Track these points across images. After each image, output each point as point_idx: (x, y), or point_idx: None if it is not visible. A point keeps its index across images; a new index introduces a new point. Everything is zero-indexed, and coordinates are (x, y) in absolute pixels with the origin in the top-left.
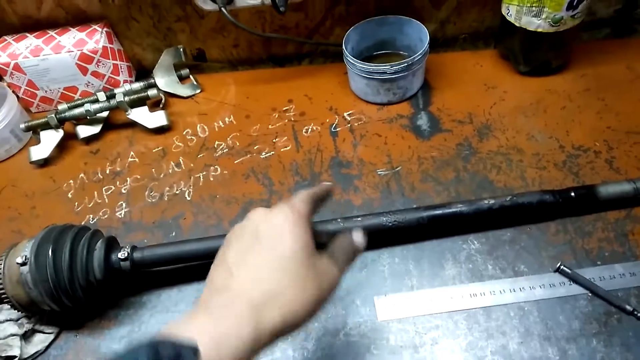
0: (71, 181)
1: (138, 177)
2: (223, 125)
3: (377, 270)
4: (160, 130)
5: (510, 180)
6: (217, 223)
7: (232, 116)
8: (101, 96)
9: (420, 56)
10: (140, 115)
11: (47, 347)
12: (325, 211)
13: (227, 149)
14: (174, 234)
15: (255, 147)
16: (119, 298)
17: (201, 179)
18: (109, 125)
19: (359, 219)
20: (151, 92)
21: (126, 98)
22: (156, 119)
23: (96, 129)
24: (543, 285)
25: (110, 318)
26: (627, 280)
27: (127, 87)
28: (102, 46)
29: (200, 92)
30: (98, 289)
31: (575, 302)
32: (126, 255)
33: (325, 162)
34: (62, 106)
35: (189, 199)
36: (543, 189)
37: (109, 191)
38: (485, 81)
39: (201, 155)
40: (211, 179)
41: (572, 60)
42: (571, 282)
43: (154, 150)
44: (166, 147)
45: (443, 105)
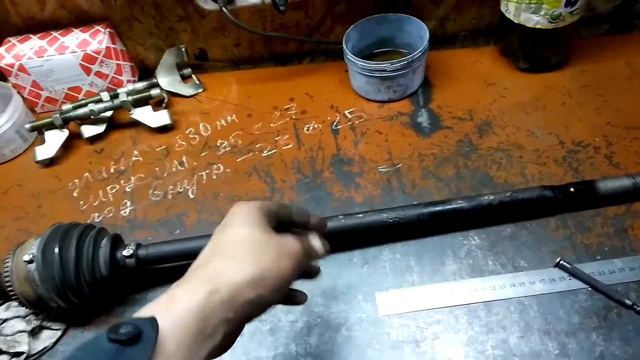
0: (76, 180)
1: (142, 176)
2: (225, 124)
3: (379, 266)
4: (163, 129)
5: (510, 176)
6: (220, 220)
7: (234, 115)
8: (105, 96)
9: (420, 54)
10: (143, 114)
11: (55, 343)
12: (327, 208)
13: (230, 148)
14: (178, 232)
15: (257, 146)
16: (125, 295)
17: (204, 177)
18: (113, 124)
19: (360, 216)
20: (154, 92)
21: (129, 98)
22: (159, 118)
23: (100, 129)
24: (543, 280)
25: (116, 314)
26: (627, 274)
27: (130, 87)
28: (105, 46)
29: (202, 92)
30: (104, 286)
31: (575, 297)
32: (131, 252)
33: (326, 160)
34: (67, 106)
35: (192, 197)
36: (543, 185)
37: (114, 190)
38: (485, 78)
39: (204, 153)
40: (214, 177)
41: (572, 56)
42: (571, 277)
43: (158, 149)
44: (169, 146)
45: (443, 102)
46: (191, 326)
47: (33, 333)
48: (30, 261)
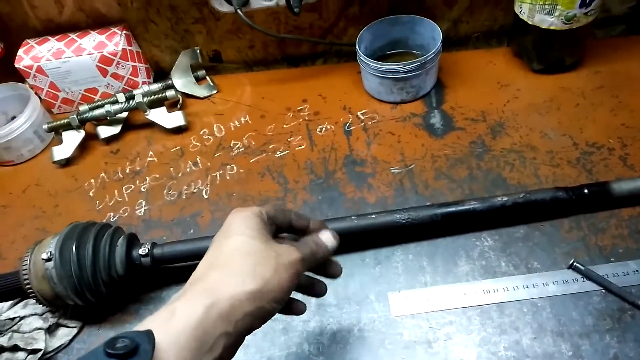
0: (92, 180)
1: (157, 176)
2: (239, 125)
3: (391, 266)
4: (178, 130)
5: (523, 177)
6: None
7: (248, 116)
8: (121, 97)
9: (433, 55)
10: (158, 115)
11: (71, 341)
12: (339, 209)
13: (243, 148)
14: (192, 231)
15: (270, 146)
16: (140, 293)
17: (218, 178)
18: (128, 125)
19: (373, 216)
20: (169, 93)
21: (145, 99)
22: (174, 119)
23: (116, 130)
24: (556, 281)
25: (131, 312)
26: None
27: (146, 89)
28: (122, 48)
29: (216, 93)
30: (120, 284)
31: (588, 299)
32: (147, 251)
33: (339, 161)
34: (83, 107)
35: (207, 197)
36: (556, 186)
37: (129, 190)
38: (498, 79)
39: (218, 154)
40: (228, 178)
41: (586, 57)
42: (584, 279)
43: (172, 149)
44: (184, 147)
45: (456, 103)
46: (190, 341)
47: (50, 330)
48: (48, 259)
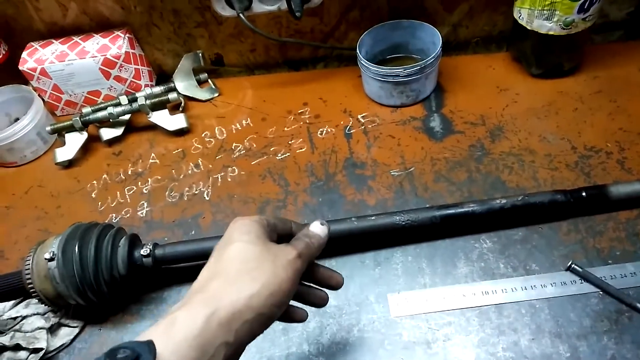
0: (95, 182)
1: (159, 178)
2: (240, 127)
3: (391, 268)
4: (180, 132)
5: (522, 180)
6: None
7: (249, 119)
8: (123, 100)
9: (432, 59)
10: (160, 118)
11: (72, 340)
12: (340, 211)
13: (245, 151)
14: (193, 233)
15: (271, 149)
16: (141, 294)
17: (219, 180)
18: (131, 127)
19: (373, 218)
20: (171, 96)
21: (147, 101)
22: (176, 122)
23: (118, 132)
24: (554, 283)
25: (132, 313)
26: (638, 279)
27: (148, 91)
28: (125, 51)
29: (218, 96)
30: (121, 284)
31: (586, 300)
32: (148, 251)
33: (339, 163)
34: (87, 109)
35: (208, 199)
36: (555, 189)
37: (131, 191)
38: (497, 84)
39: (219, 156)
40: (229, 180)
41: (585, 62)
42: (582, 281)
43: (174, 151)
44: (186, 149)
45: (455, 107)
46: (190, 352)
47: (51, 330)
48: (50, 259)
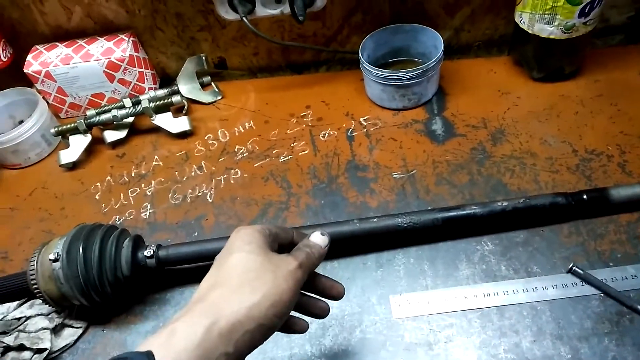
0: (98, 183)
1: (162, 180)
2: (243, 130)
3: (393, 269)
4: (183, 135)
5: (523, 183)
6: (238, 224)
7: (252, 121)
8: (127, 102)
9: (434, 63)
10: (164, 120)
11: (76, 341)
12: (342, 213)
13: (247, 153)
14: (196, 234)
15: (274, 151)
16: (144, 295)
17: (222, 182)
18: (134, 130)
19: (375, 220)
20: (175, 99)
21: (151, 104)
22: (179, 124)
23: (122, 134)
24: (555, 285)
25: (135, 314)
26: (639, 281)
27: (152, 94)
28: (129, 55)
29: (221, 99)
30: (125, 285)
31: (587, 303)
32: (152, 253)
33: (342, 166)
34: (91, 112)
35: (211, 201)
36: (556, 192)
37: (134, 193)
38: (499, 87)
39: (222, 159)
40: (232, 182)
41: (585, 66)
42: (583, 283)
43: (177, 154)
44: (189, 151)
45: (457, 110)
46: None
47: (55, 330)
48: (55, 260)
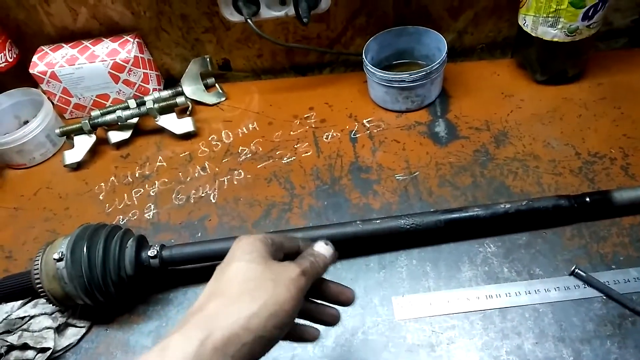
0: (102, 184)
1: (166, 181)
2: (247, 131)
3: (395, 271)
4: (187, 136)
5: (526, 185)
6: (241, 224)
7: (256, 123)
8: (132, 103)
9: (438, 65)
10: (168, 121)
11: (79, 340)
12: (345, 214)
13: (251, 154)
14: (200, 235)
15: (277, 153)
16: (148, 295)
17: (226, 183)
18: (139, 131)
19: (378, 222)
20: (179, 100)
21: (155, 105)
22: (183, 125)
23: (126, 135)
24: (558, 287)
25: (139, 313)
26: None
27: (156, 95)
28: (134, 56)
29: (225, 100)
30: (129, 285)
31: (589, 305)
32: (156, 253)
33: (345, 167)
34: (95, 112)
35: (214, 202)
36: (559, 194)
37: (138, 193)
38: (502, 90)
39: (226, 160)
40: (235, 183)
41: (589, 69)
42: (586, 285)
43: (181, 155)
44: (192, 152)
45: (460, 112)
46: None
47: (59, 330)
48: (59, 259)
